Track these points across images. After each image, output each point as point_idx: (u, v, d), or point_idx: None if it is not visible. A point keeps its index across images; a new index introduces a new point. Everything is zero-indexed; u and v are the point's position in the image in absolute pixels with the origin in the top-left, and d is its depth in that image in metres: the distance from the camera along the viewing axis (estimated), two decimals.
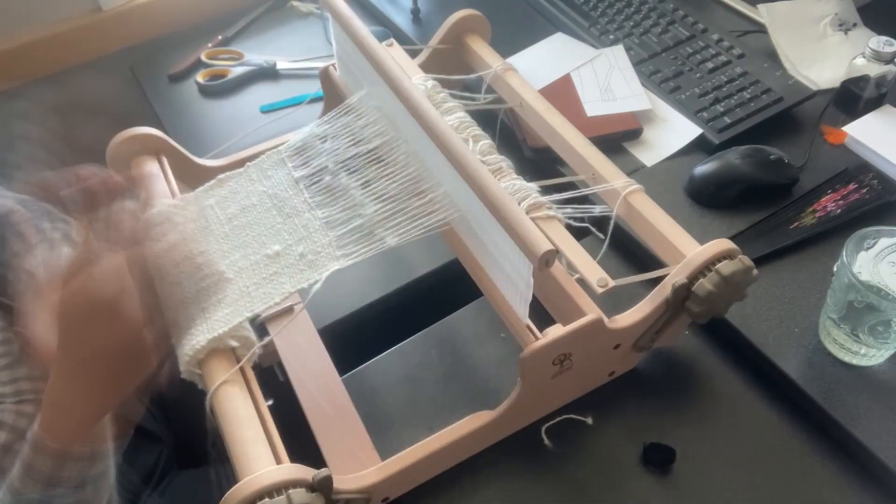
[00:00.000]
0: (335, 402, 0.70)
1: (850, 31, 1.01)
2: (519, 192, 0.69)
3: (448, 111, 0.77)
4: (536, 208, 0.68)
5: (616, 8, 1.05)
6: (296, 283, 0.65)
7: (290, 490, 0.53)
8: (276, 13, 1.22)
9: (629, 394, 0.71)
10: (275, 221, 0.70)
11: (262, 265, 0.67)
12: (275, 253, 0.68)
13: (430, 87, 0.80)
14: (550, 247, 0.55)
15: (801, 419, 0.68)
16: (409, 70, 0.84)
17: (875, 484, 0.64)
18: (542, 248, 0.55)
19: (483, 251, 0.69)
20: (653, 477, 0.66)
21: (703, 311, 0.64)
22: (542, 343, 0.60)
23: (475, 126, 0.76)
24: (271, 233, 0.69)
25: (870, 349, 0.67)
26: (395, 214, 0.67)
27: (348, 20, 0.76)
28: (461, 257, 0.74)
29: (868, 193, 0.80)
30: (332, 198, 0.71)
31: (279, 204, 0.71)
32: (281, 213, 0.71)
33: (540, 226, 0.66)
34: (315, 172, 0.73)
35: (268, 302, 0.64)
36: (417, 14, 1.11)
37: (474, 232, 0.68)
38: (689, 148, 0.88)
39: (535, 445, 0.68)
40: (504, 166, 0.72)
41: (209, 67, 1.11)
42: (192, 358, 0.62)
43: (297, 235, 0.69)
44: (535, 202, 0.68)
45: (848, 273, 0.63)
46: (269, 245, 0.68)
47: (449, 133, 0.63)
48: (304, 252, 0.67)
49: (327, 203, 0.71)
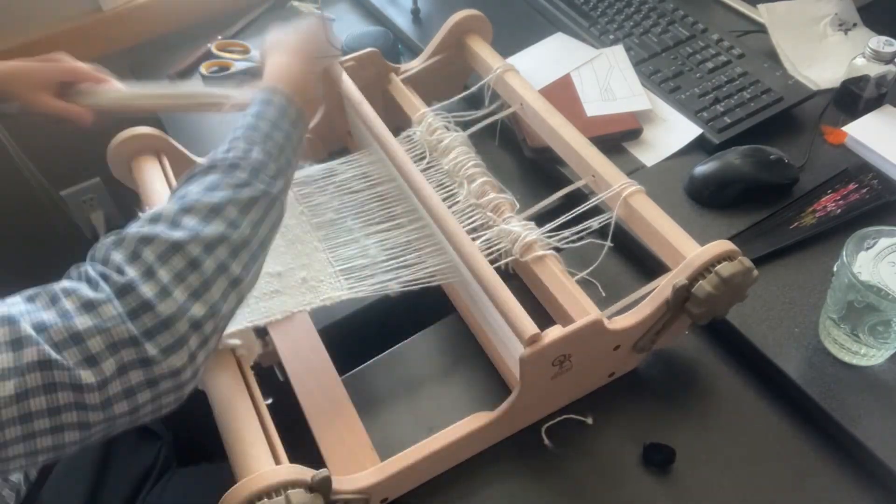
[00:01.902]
0: (335, 403, 0.70)
1: (850, 31, 1.01)
2: (511, 234, 0.71)
3: (446, 151, 0.79)
4: (529, 250, 0.70)
5: (616, 8, 1.05)
6: (297, 304, 0.66)
7: (288, 490, 0.53)
8: (275, 13, 1.22)
9: (629, 393, 0.71)
10: (277, 244, 0.71)
11: (264, 281, 0.68)
12: (276, 273, 0.68)
13: (430, 125, 0.81)
14: (536, 330, 0.59)
15: (801, 419, 0.68)
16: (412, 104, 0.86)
17: (875, 484, 0.64)
18: (529, 332, 0.59)
19: (479, 314, 0.74)
20: (653, 477, 0.66)
21: (703, 313, 0.64)
22: (541, 344, 0.60)
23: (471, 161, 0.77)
24: (274, 254, 0.70)
25: (870, 349, 0.67)
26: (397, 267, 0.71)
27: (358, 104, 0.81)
28: (461, 311, 0.78)
29: (868, 193, 0.80)
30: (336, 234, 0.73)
31: (283, 230, 0.72)
32: (284, 239, 0.72)
33: (533, 269, 0.69)
34: (320, 205, 0.75)
35: (269, 316, 0.65)
36: (417, 14, 1.11)
37: (472, 296, 0.72)
38: (689, 148, 0.88)
39: (535, 445, 0.68)
40: (502, 203, 0.74)
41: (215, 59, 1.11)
42: None
43: (300, 262, 0.70)
44: (527, 243, 0.70)
45: (848, 273, 0.63)
46: (271, 264, 0.69)
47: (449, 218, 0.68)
48: (306, 277, 0.68)
49: (331, 237, 0.72)
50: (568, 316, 0.65)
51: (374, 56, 0.87)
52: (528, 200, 0.79)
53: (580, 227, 0.72)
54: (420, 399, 0.73)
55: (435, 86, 0.92)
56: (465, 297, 0.77)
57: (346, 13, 1.21)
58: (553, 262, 0.69)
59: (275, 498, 0.53)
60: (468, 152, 0.78)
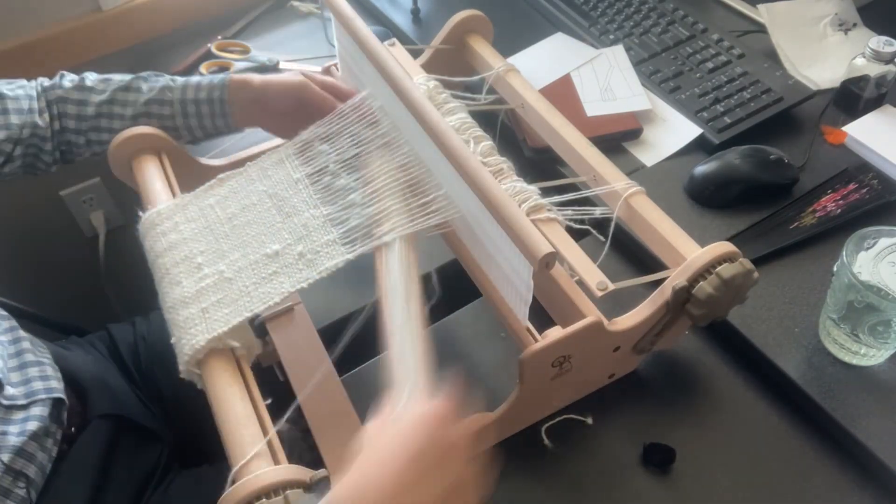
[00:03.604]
0: (334, 402, 0.70)
1: (850, 31, 1.01)
2: (519, 194, 0.69)
3: (450, 112, 0.77)
4: (537, 210, 0.68)
5: (616, 8, 1.05)
6: (295, 283, 0.65)
7: (287, 491, 0.53)
8: (276, 13, 1.22)
9: (629, 393, 0.71)
10: (274, 220, 0.70)
11: (262, 264, 0.67)
12: (274, 252, 0.68)
13: (431, 88, 0.80)
14: (550, 249, 0.55)
15: (801, 419, 0.68)
16: (411, 70, 0.84)
17: (875, 484, 0.64)
18: (543, 251, 0.55)
19: (483, 253, 0.69)
20: (653, 477, 0.66)
21: (703, 314, 0.64)
22: (541, 345, 0.59)
23: (476, 127, 0.76)
24: (271, 232, 0.69)
25: (870, 349, 0.67)
26: (394, 214, 0.67)
27: (350, 20, 0.76)
28: (461, 258, 0.74)
29: (868, 193, 0.80)
30: (332, 197, 0.71)
31: (279, 203, 0.71)
32: (281, 213, 0.71)
33: (540, 228, 0.66)
34: (315, 172, 0.74)
35: (267, 302, 0.64)
36: (417, 14, 1.11)
37: (474, 233, 0.68)
38: (689, 148, 0.88)
39: (535, 445, 0.68)
40: (505, 168, 0.72)
41: (215, 59, 1.11)
42: (191, 358, 0.62)
43: (297, 235, 0.69)
44: (536, 204, 0.68)
45: (848, 273, 0.63)
46: (269, 244, 0.68)
47: (450, 133, 0.63)
48: (303, 251, 0.67)
49: (327, 202, 0.71)
50: (568, 317, 0.65)
51: None
52: None
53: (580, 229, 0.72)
54: None
55: None
56: (467, 239, 0.73)
57: None
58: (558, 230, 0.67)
59: (273, 498, 0.53)
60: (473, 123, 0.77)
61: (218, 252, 0.69)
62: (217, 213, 0.72)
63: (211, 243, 0.69)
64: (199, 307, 0.64)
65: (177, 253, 0.69)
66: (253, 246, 0.68)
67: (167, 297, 0.67)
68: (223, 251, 0.69)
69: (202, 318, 0.63)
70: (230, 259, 0.68)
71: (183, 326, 0.64)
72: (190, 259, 0.68)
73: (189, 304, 0.65)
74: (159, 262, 0.70)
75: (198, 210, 0.72)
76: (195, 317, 0.64)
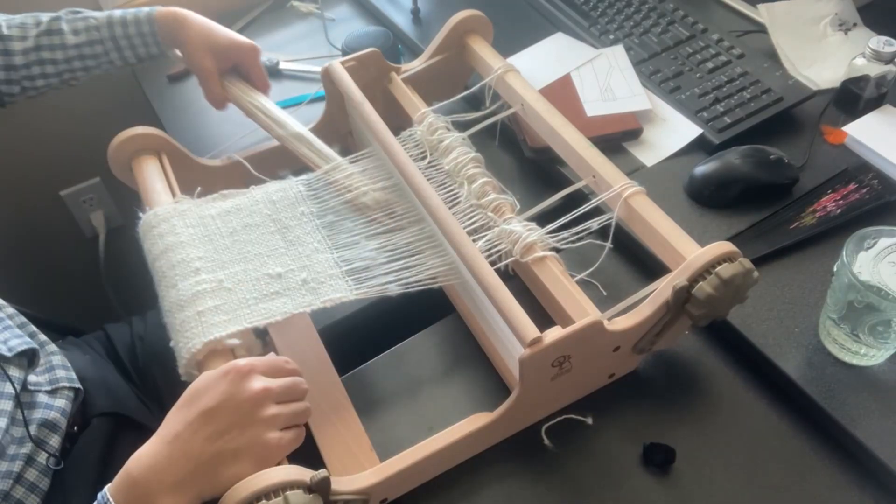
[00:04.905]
0: (334, 403, 0.70)
1: (850, 31, 1.01)
2: (511, 235, 0.70)
3: (446, 151, 0.79)
4: (530, 251, 0.69)
5: (616, 8, 1.05)
6: (298, 306, 0.66)
7: (287, 491, 0.53)
8: (276, 13, 1.22)
9: (629, 393, 0.71)
10: (278, 245, 0.71)
11: (264, 282, 0.68)
12: (277, 274, 0.69)
13: (431, 124, 0.81)
14: (537, 333, 0.59)
15: (801, 419, 0.68)
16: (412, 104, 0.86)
17: (875, 484, 0.64)
18: (530, 335, 0.59)
19: (480, 314, 0.74)
20: (653, 477, 0.66)
21: (703, 314, 0.64)
22: (541, 345, 0.59)
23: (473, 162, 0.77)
24: (274, 255, 0.70)
25: (870, 349, 0.67)
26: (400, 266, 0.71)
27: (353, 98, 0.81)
28: (461, 311, 0.78)
29: (868, 193, 0.80)
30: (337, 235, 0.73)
31: (283, 230, 0.73)
32: (284, 239, 0.72)
33: (534, 270, 0.69)
34: (321, 210, 0.75)
35: (269, 318, 0.65)
36: (417, 14, 1.11)
37: (472, 298, 0.73)
38: (689, 148, 0.88)
39: (535, 445, 0.68)
40: (503, 203, 0.74)
41: None
42: (189, 360, 0.62)
43: (300, 263, 0.70)
44: (528, 244, 0.69)
45: (848, 273, 0.63)
46: (271, 266, 0.69)
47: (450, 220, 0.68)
48: (306, 279, 0.69)
49: (332, 240, 0.73)
50: (568, 317, 0.65)
51: (375, 56, 0.87)
52: (529, 201, 0.79)
53: (580, 228, 0.72)
54: (420, 399, 0.73)
55: (435, 86, 0.92)
56: (466, 298, 0.77)
57: (346, 13, 1.21)
58: (553, 264, 0.69)
59: (273, 499, 0.53)
60: (469, 152, 0.78)
61: (217, 262, 0.69)
62: (218, 224, 0.72)
63: (210, 252, 0.70)
64: (195, 310, 0.64)
65: (173, 255, 0.69)
66: (255, 263, 0.69)
67: (165, 300, 0.67)
68: (223, 262, 0.69)
69: (198, 321, 0.64)
70: (230, 271, 0.68)
71: (180, 329, 0.64)
72: (187, 262, 0.68)
73: (185, 307, 0.65)
74: (157, 265, 0.70)
75: (197, 217, 0.73)
76: (191, 319, 0.64)
